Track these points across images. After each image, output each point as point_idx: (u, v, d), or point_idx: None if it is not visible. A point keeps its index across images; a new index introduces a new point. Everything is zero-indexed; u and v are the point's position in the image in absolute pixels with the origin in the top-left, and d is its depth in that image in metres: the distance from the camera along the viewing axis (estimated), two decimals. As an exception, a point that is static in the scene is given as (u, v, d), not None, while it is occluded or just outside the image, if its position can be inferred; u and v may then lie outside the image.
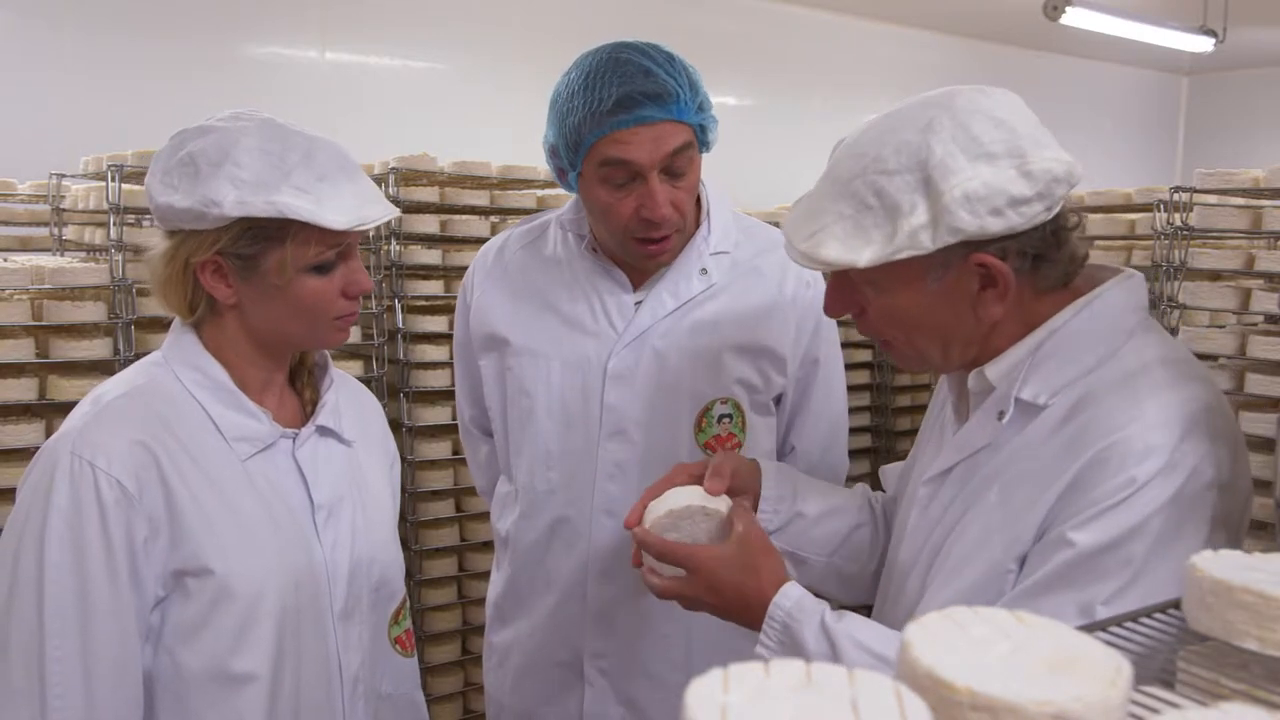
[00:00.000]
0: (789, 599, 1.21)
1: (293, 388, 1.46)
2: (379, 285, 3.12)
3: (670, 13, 5.44)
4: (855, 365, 4.24)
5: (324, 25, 4.58)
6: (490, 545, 3.30)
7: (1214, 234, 3.22)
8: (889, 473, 1.52)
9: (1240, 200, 3.24)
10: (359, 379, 1.64)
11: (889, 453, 4.35)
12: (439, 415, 3.18)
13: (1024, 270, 1.14)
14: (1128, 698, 0.61)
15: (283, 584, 1.33)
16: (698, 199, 1.68)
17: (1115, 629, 0.83)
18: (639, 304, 1.67)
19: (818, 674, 0.59)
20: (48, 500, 1.24)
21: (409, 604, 1.54)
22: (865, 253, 1.11)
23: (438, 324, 3.18)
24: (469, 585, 3.29)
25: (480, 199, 3.34)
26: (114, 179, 2.61)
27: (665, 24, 5.35)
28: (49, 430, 2.42)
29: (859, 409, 4.31)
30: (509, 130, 4.03)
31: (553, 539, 1.72)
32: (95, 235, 2.98)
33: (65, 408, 2.50)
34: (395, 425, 3.27)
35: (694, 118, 1.54)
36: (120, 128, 3.54)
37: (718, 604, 1.26)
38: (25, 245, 3.50)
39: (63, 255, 3.13)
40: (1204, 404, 1.11)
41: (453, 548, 3.25)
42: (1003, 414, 1.17)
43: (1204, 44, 5.73)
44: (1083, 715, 0.57)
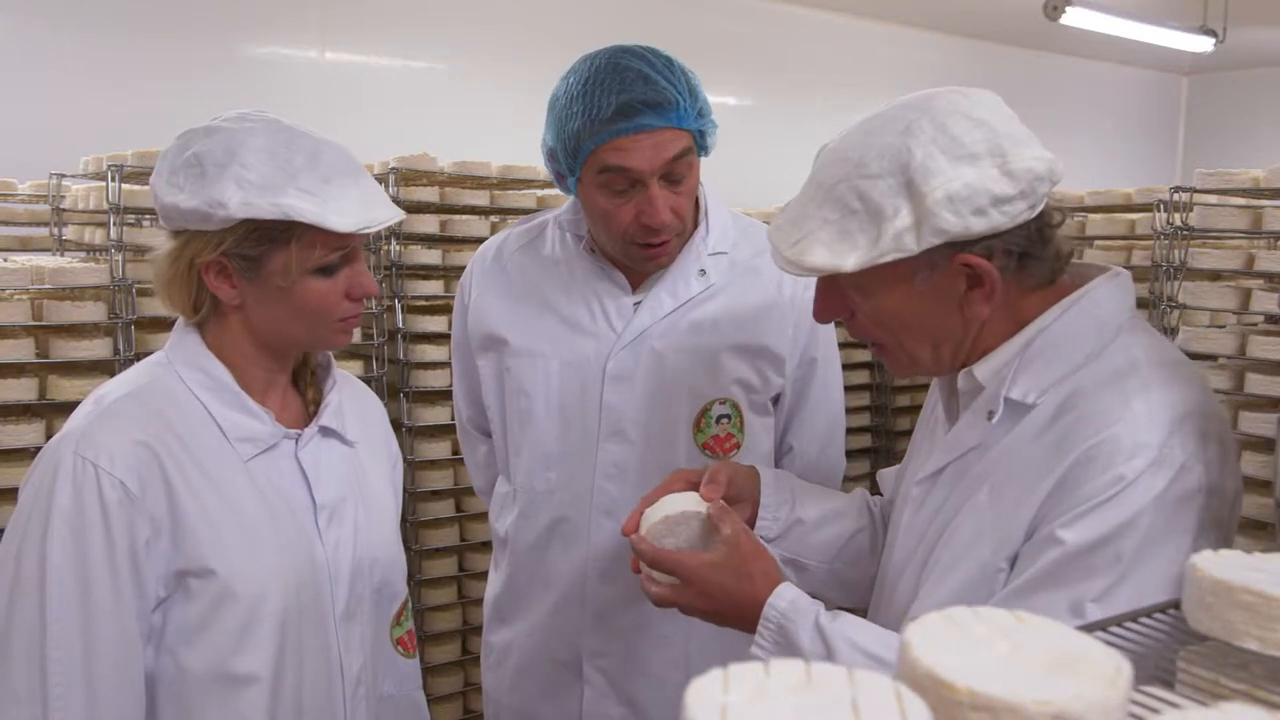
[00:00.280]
0: (783, 600, 1.20)
1: (296, 388, 1.46)
2: (379, 285, 3.12)
3: (670, 13, 5.44)
4: (855, 365, 4.23)
5: (324, 25, 4.58)
6: (489, 545, 3.29)
7: (1214, 234, 3.22)
8: (886, 476, 1.52)
9: (1240, 200, 3.24)
10: (359, 379, 1.64)
11: (888, 453, 4.35)
12: (439, 415, 3.18)
13: (1010, 269, 1.14)
14: (1128, 698, 0.61)
15: (285, 585, 1.33)
16: (696, 200, 1.68)
17: (1115, 629, 0.83)
18: (638, 305, 1.67)
19: (818, 674, 0.59)
20: (50, 501, 1.24)
21: (410, 605, 1.54)
22: (851, 257, 1.12)
23: (438, 324, 3.18)
24: (469, 585, 3.29)
25: (480, 199, 3.34)
26: (114, 179, 2.61)
27: (665, 24, 5.35)
28: (49, 430, 2.42)
29: (859, 409, 4.31)
30: (509, 130, 4.02)
31: (551, 539, 1.72)
32: (95, 235, 2.98)
33: (65, 408, 2.51)
34: (395, 425, 3.25)
35: (693, 124, 1.54)
36: (120, 128, 3.54)
37: (712, 610, 1.26)
38: (25, 245, 3.49)
39: (63, 255, 3.13)
40: (1193, 403, 1.11)
41: (453, 548, 3.24)
42: (992, 414, 1.17)
43: (1204, 44, 5.73)
44: (1083, 715, 0.57)
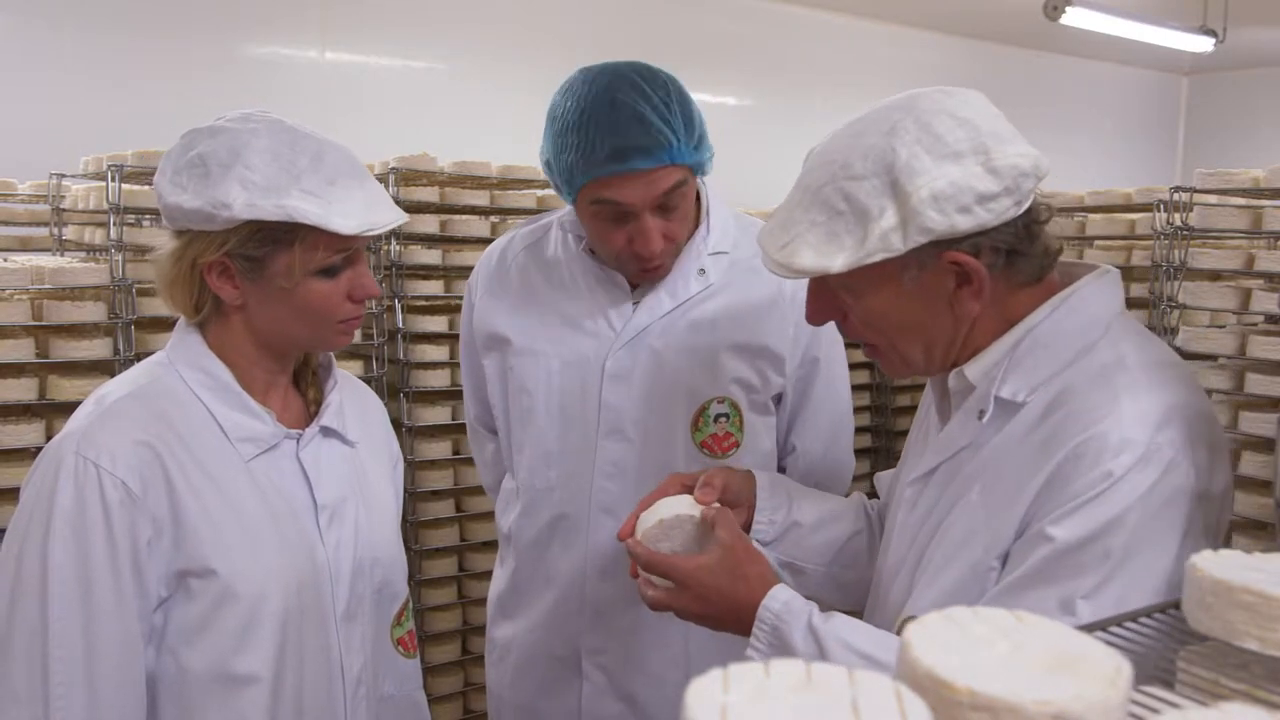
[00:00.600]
0: (777, 601, 1.21)
1: (297, 388, 1.46)
2: (379, 285, 3.11)
3: (670, 13, 5.44)
4: (855, 365, 4.20)
5: (324, 25, 4.58)
6: (490, 545, 3.30)
7: (1214, 234, 3.22)
8: (883, 479, 1.52)
9: (1240, 200, 3.24)
10: (359, 379, 1.64)
11: (888, 453, 4.35)
12: (439, 415, 3.18)
13: (998, 266, 1.14)
14: (1128, 698, 0.61)
15: (286, 585, 1.33)
16: (696, 198, 1.68)
17: (1115, 629, 0.83)
18: (637, 304, 1.68)
19: (818, 674, 0.59)
20: (51, 501, 1.24)
21: (411, 605, 1.55)
22: (838, 258, 1.12)
23: (438, 324, 3.18)
24: (469, 585, 3.29)
25: (480, 199, 3.33)
26: (114, 179, 2.61)
27: (665, 24, 5.35)
28: (49, 430, 2.42)
29: (859, 409, 4.30)
30: (509, 130, 4.01)
31: (553, 536, 1.73)
32: (95, 235, 2.98)
33: (65, 408, 2.51)
34: (395, 425, 3.25)
35: (690, 158, 1.54)
36: (120, 128, 3.54)
37: (708, 613, 1.26)
38: (25, 245, 3.49)
39: (63, 255, 3.13)
40: (1180, 401, 1.11)
41: (453, 548, 3.24)
42: (983, 413, 1.18)
43: (1204, 44, 5.73)
44: (1083, 715, 0.57)
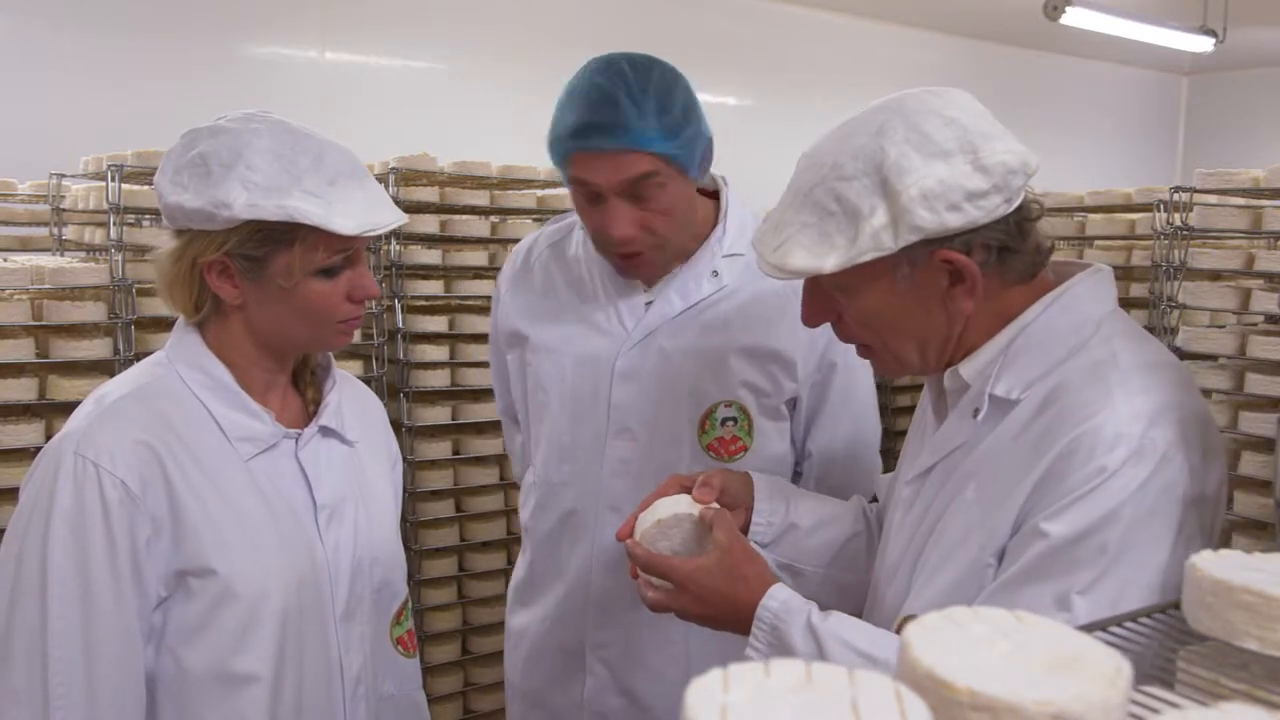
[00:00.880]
0: (776, 601, 1.21)
1: (296, 388, 1.46)
2: (379, 285, 3.11)
3: (670, 13, 5.43)
4: (855, 365, 4.23)
5: (324, 25, 4.58)
6: (490, 545, 3.31)
7: (1214, 234, 3.22)
8: (881, 482, 1.52)
9: (1240, 200, 3.24)
10: (359, 379, 1.64)
11: (889, 453, 4.32)
12: (439, 415, 3.18)
13: (990, 264, 1.15)
14: (1128, 698, 0.61)
15: (285, 584, 1.33)
16: (716, 199, 1.69)
17: (1115, 629, 0.83)
18: (649, 304, 1.69)
19: (818, 674, 0.59)
20: (51, 501, 1.24)
21: (410, 604, 1.55)
22: (830, 258, 1.13)
23: (438, 324, 3.17)
24: (469, 585, 3.29)
25: (480, 199, 3.33)
26: (114, 179, 2.61)
27: (665, 24, 5.35)
28: (49, 430, 2.42)
29: (859, 409, 4.30)
30: (509, 130, 4.01)
31: (563, 531, 1.75)
32: (95, 235, 2.98)
33: (65, 408, 2.50)
34: (395, 425, 3.25)
35: (660, 147, 1.52)
36: (120, 128, 3.54)
37: (707, 614, 1.26)
38: (25, 245, 3.49)
39: (63, 255, 3.13)
40: (1174, 400, 1.12)
41: (453, 548, 3.24)
42: (977, 411, 1.18)
43: (1204, 44, 5.72)
44: (1083, 715, 0.57)
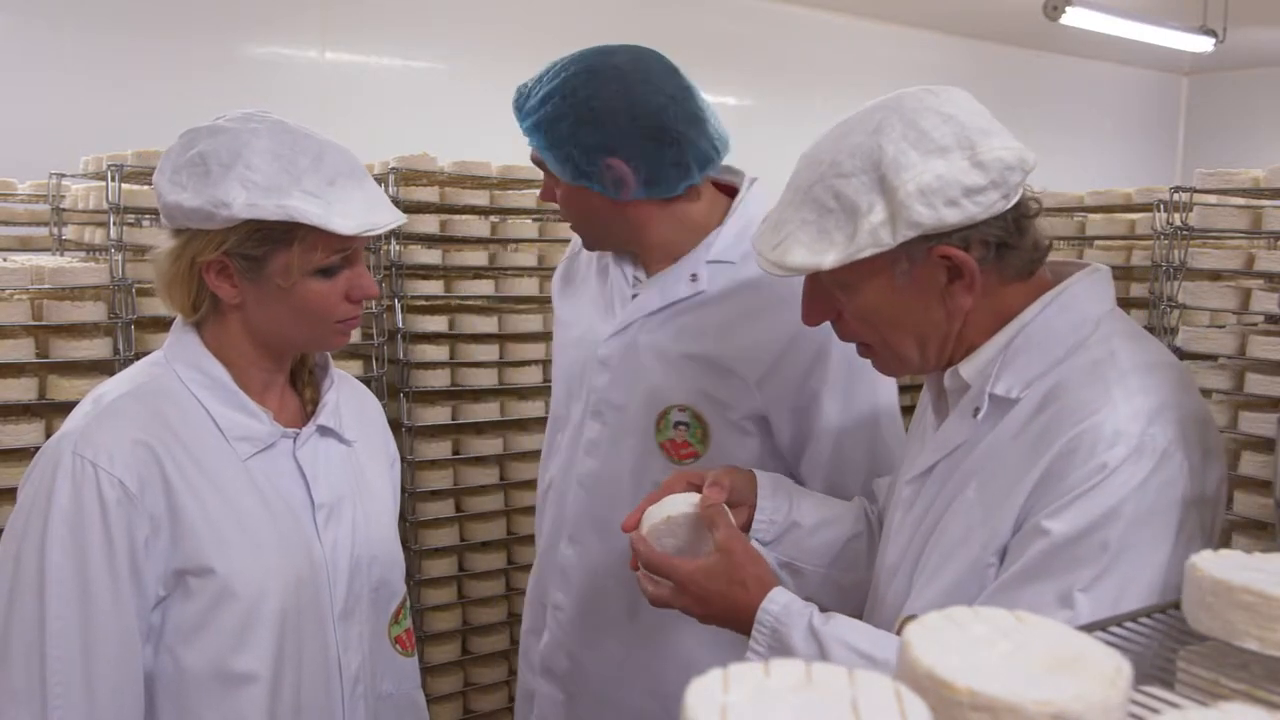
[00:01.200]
0: (776, 603, 1.21)
1: (293, 388, 1.46)
2: (379, 285, 3.11)
3: (670, 13, 5.44)
4: (855, 365, 4.23)
5: (324, 25, 4.58)
6: (489, 545, 3.31)
7: (1214, 234, 3.22)
8: (881, 485, 1.52)
9: (1240, 200, 3.24)
10: (359, 379, 1.64)
11: (889, 453, 4.33)
12: (439, 415, 3.17)
13: (988, 260, 1.15)
14: (1128, 698, 0.61)
15: (284, 584, 1.33)
16: (734, 197, 1.72)
17: (1115, 629, 0.83)
18: (634, 296, 1.72)
19: (818, 674, 0.59)
20: (49, 501, 1.24)
21: (409, 603, 1.55)
22: (829, 255, 1.14)
23: (438, 324, 3.17)
24: (469, 585, 3.29)
25: (480, 199, 3.33)
26: (114, 179, 2.61)
27: (665, 24, 5.34)
28: (49, 430, 2.42)
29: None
30: (509, 130, 3.98)
31: (547, 495, 1.85)
32: (95, 235, 2.98)
33: (65, 408, 2.49)
34: (395, 425, 3.25)
35: (533, 139, 1.64)
36: (120, 128, 3.54)
37: (707, 614, 1.27)
38: (25, 245, 3.49)
39: (63, 255, 3.12)
40: (1173, 400, 1.12)
41: (453, 548, 3.24)
42: (977, 410, 1.18)
43: (1204, 44, 5.73)
44: (1083, 715, 0.57)
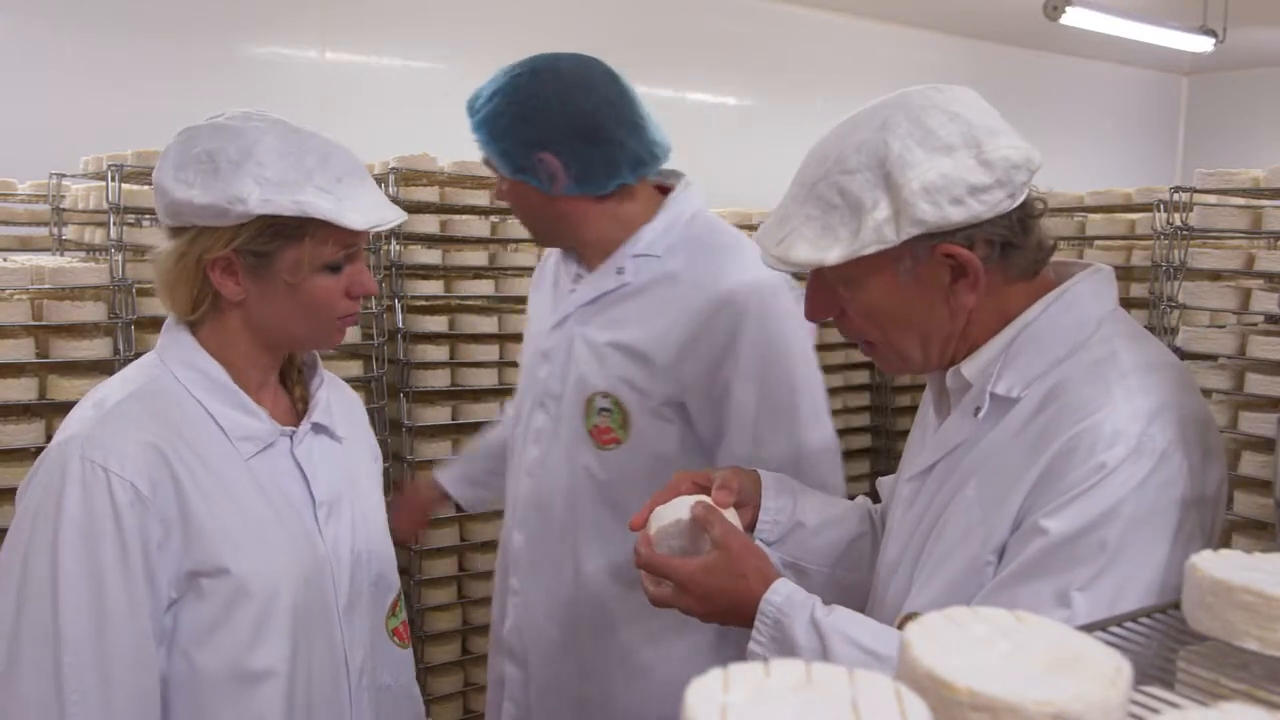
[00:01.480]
0: (779, 595, 1.21)
1: (283, 386, 1.47)
2: (379, 285, 3.12)
3: (670, 13, 5.43)
4: (855, 365, 4.23)
5: (324, 25, 4.58)
6: (489, 545, 3.31)
7: (1214, 234, 3.22)
8: (884, 484, 1.53)
9: (1240, 200, 3.24)
10: (359, 379, 1.65)
11: (888, 453, 4.34)
12: (439, 415, 3.17)
13: (993, 259, 1.15)
14: (1128, 698, 0.61)
15: (294, 581, 1.34)
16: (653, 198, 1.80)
17: (1115, 629, 0.83)
18: (571, 291, 1.83)
19: (818, 674, 0.59)
20: (58, 507, 1.23)
21: (404, 597, 1.56)
22: (833, 251, 1.14)
23: (438, 324, 3.17)
24: (469, 585, 3.29)
25: (480, 199, 3.33)
26: (114, 179, 2.61)
27: (665, 24, 5.35)
28: (49, 430, 2.42)
29: (859, 409, 4.31)
30: (509, 130, 4.02)
31: (505, 484, 1.95)
32: (95, 235, 2.98)
33: (65, 408, 2.48)
34: (395, 425, 3.27)
35: (480, 139, 1.71)
36: (120, 128, 3.54)
37: (711, 611, 1.27)
38: (25, 245, 3.48)
39: (63, 255, 3.13)
40: (1173, 401, 1.12)
41: (453, 548, 3.24)
42: (978, 409, 1.19)
43: (1204, 44, 5.73)
44: (1083, 715, 0.57)
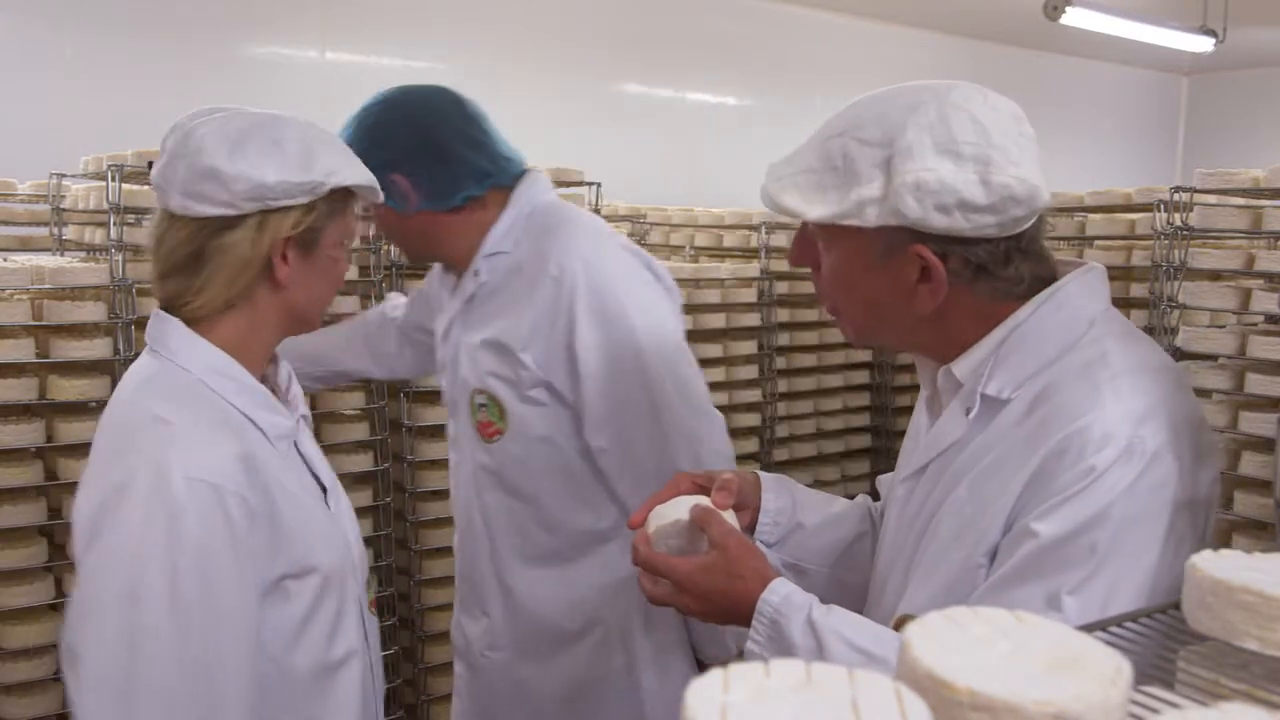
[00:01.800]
0: (777, 595, 1.21)
1: None
2: (379, 285, 3.12)
3: (670, 13, 5.44)
4: (855, 365, 4.23)
5: (324, 25, 4.59)
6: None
7: (1214, 234, 3.22)
8: (884, 482, 1.52)
9: (1240, 200, 3.24)
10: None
11: (888, 453, 4.34)
12: (439, 415, 3.16)
13: (963, 278, 1.15)
14: (1128, 698, 0.61)
15: (344, 565, 1.38)
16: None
17: (1115, 629, 0.83)
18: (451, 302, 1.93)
19: (818, 674, 0.59)
20: (168, 534, 1.17)
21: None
22: (816, 209, 1.16)
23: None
24: (469, 585, 3.29)
25: (480, 199, 3.33)
26: (114, 179, 2.60)
27: (665, 24, 5.35)
28: (49, 430, 2.42)
29: (859, 409, 4.30)
30: (508, 130, 4.00)
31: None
32: (95, 235, 2.98)
33: (65, 408, 2.51)
34: (395, 425, 3.27)
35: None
36: (120, 128, 3.53)
37: (708, 611, 1.26)
38: (25, 245, 3.48)
39: (63, 255, 3.12)
40: (1164, 401, 1.11)
41: (453, 548, 3.24)
42: (969, 410, 1.18)
43: (1204, 44, 5.73)
44: (1083, 715, 0.57)
